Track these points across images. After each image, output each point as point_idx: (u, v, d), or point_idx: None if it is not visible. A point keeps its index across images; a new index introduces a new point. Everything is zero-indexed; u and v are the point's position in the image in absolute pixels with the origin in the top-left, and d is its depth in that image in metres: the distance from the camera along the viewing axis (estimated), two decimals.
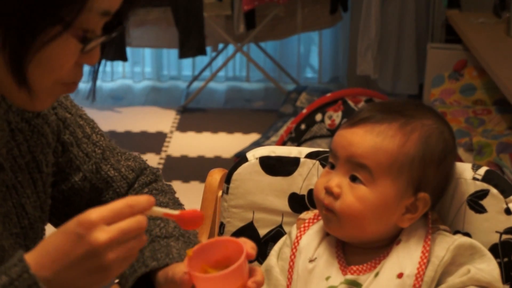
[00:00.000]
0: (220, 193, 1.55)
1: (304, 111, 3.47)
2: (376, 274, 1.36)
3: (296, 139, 3.44)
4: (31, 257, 1.08)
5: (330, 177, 1.38)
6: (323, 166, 1.51)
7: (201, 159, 3.87)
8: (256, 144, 3.92)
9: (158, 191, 1.44)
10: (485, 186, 1.41)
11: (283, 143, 3.44)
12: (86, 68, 1.20)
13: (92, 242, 1.05)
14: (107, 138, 1.44)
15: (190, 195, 3.21)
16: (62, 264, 1.07)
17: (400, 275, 1.35)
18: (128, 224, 1.08)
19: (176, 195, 1.47)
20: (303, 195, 1.52)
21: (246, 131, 4.22)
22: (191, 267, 1.18)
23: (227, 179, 1.53)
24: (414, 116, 1.38)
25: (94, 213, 1.07)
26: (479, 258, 1.36)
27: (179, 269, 1.24)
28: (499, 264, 1.37)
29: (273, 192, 1.52)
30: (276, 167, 1.52)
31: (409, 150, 1.35)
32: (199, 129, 4.25)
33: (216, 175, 1.56)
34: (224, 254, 1.20)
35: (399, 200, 1.36)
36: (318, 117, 3.45)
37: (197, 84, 4.80)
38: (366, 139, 1.36)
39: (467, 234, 1.41)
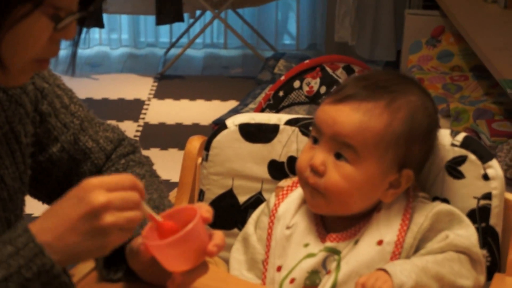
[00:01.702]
0: (199, 160, 1.55)
1: (282, 78, 3.46)
2: (356, 242, 1.37)
3: (274, 106, 3.43)
4: (34, 226, 1.09)
5: (313, 153, 1.37)
6: (303, 133, 1.51)
7: (179, 127, 3.86)
8: (234, 111, 3.91)
9: (135, 163, 1.44)
10: (463, 152, 1.41)
11: (262, 110, 3.43)
12: None
13: (92, 202, 1.08)
14: (85, 108, 1.43)
15: (168, 163, 3.21)
16: (63, 227, 1.08)
17: (380, 242, 1.35)
18: (127, 194, 1.10)
19: (154, 167, 1.47)
20: (283, 162, 1.52)
21: (224, 98, 4.21)
22: (149, 238, 1.17)
23: (207, 146, 1.53)
24: (399, 92, 1.37)
25: (95, 179, 1.10)
26: (457, 224, 1.37)
27: (139, 240, 1.24)
28: (477, 229, 1.39)
29: (252, 159, 1.52)
30: (256, 134, 1.52)
31: (395, 129, 1.35)
32: (177, 96, 4.23)
33: (195, 142, 1.56)
34: (183, 221, 1.19)
35: (383, 178, 1.36)
36: (296, 84, 3.43)
37: (174, 51, 4.78)
38: (352, 118, 1.35)
39: (446, 200, 1.42)
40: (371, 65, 3.67)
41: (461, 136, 1.42)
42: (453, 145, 1.42)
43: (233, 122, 1.53)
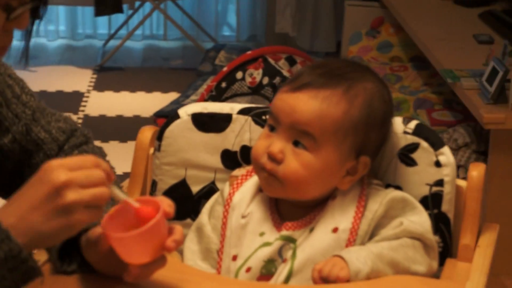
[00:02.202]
0: (151, 150, 1.54)
1: (225, 69, 3.46)
2: (311, 230, 1.37)
3: (217, 97, 3.43)
4: None
5: (271, 141, 1.37)
6: (256, 122, 1.51)
7: (120, 119, 3.83)
8: (175, 103, 3.89)
9: (89, 154, 1.42)
10: (415, 139, 1.43)
11: (204, 101, 3.42)
12: None
13: (53, 180, 1.08)
14: (37, 98, 1.41)
15: (109, 155, 3.17)
16: (25, 207, 1.08)
17: (335, 230, 1.36)
18: (90, 171, 1.10)
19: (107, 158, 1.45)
20: (236, 152, 1.51)
21: (165, 90, 4.18)
22: (108, 228, 1.16)
23: (159, 136, 1.52)
24: (356, 79, 1.38)
25: (57, 160, 1.10)
26: (411, 210, 1.38)
27: (97, 230, 1.23)
28: (429, 215, 1.40)
29: (205, 149, 1.52)
30: (208, 123, 1.51)
31: (353, 116, 1.35)
32: (117, 88, 4.19)
33: (147, 133, 1.54)
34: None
35: (341, 165, 1.36)
36: (239, 75, 3.43)
37: (113, 43, 4.73)
38: (311, 106, 1.35)
39: (398, 187, 1.43)
40: (311, 56, 3.69)
41: (413, 124, 1.44)
42: (405, 132, 1.43)
43: (185, 112, 1.52)
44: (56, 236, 1.11)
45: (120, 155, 2.50)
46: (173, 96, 4.07)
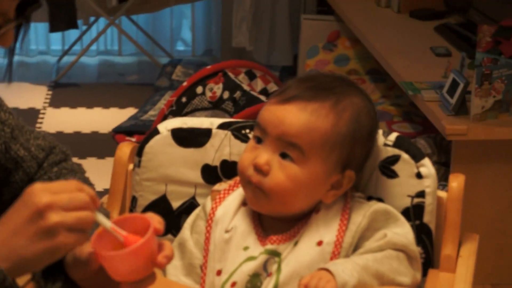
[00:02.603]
0: (130, 166, 1.53)
1: (185, 84, 3.45)
2: (296, 243, 1.38)
3: (178, 112, 3.42)
4: None
5: (257, 153, 1.37)
6: (235, 136, 1.51)
7: (77, 135, 3.79)
8: (134, 119, 3.87)
9: (68, 170, 1.41)
10: (396, 151, 1.44)
11: (164, 116, 3.41)
12: None
13: (35, 203, 1.07)
14: (15, 116, 1.39)
15: None
16: (8, 231, 1.06)
17: (319, 243, 1.36)
18: (74, 194, 1.09)
19: (86, 175, 1.44)
20: (216, 166, 1.51)
21: (122, 105, 4.16)
22: (98, 247, 1.16)
23: (139, 152, 1.51)
24: (343, 93, 1.39)
25: (39, 184, 1.09)
26: (393, 222, 1.40)
27: (86, 249, 1.22)
28: (412, 227, 1.41)
29: (185, 164, 1.51)
30: (188, 138, 1.51)
31: (341, 130, 1.36)
32: (73, 105, 4.16)
33: (125, 149, 1.54)
34: (133, 231, 1.18)
35: (327, 178, 1.37)
36: (199, 89, 3.43)
37: (67, 59, 4.69)
38: (300, 118, 1.35)
39: (380, 199, 1.44)
40: (268, 70, 3.70)
41: (393, 136, 1.45)
42: (385, 145, 1.45)
43: (165, 127, 1.51)
44: (40, 260, 1.10)
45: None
46: (130, 111, 4.05)
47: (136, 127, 3.75)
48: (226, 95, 3.41)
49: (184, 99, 3.44)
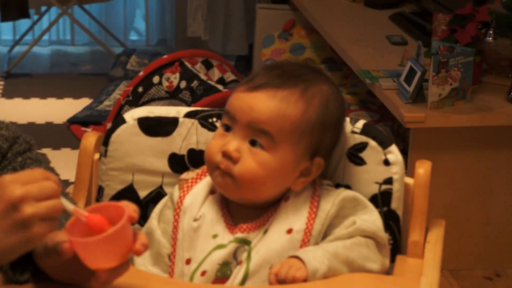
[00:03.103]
0: (96, 156, 1.52)
1: (141, 73, 3.43)
2: (265, 231, 1.38)
3: (134, 102, 3.40)
4: None
5: (226, 140, 1.37)
6: (202, 125, 1.50)
7: (31, 126, 3.75)
8: (89, 109, 3.84)
9: (33, 160, 1.39)
10: (364, 138, 1.44)
11: (121, 106, 3.39)
12: None
13: (8, 196, 1.07)
14: None
15: None
16: None
17: (289, 231, 1.36)
18: (43, 183, 1.10)
19: (51, 164, 1.43)
20: (183, 155, 1.50)
21: (76, 96, 4.11)
22: (72, 235, 1.15)
23: (105, 141, 1.49)
24: (312, 81, 1.39)
25: (8, 175, 1.09)
26: (362, 209, 1.40)
27: (59, 238, 1.21)
28: (380, 213, 1.42)
29: (152, 153, 1.50)
30: (155, 127, 1.50)
31: (310, 116, 1.36)
32: (26, 95, 4.10)
33: (91, 138, 1.52)
34: (107, 219, 1.17)
35: (296, 165, 1.37)
36: (156, 79, 3.41)
37: (18, 49, 4.63)
38: (269, 105, 1.35)
39: (347, 186, 1.45)
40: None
41: (360, 123, 1.46)
42: (353, 132, 1.45)
43: (131, 116, 1.50)
44: (15, 251, 1.11)
45: None
46: (85, 102, 4.01)
47: (91, 118, 3.72)
48: (183, 84, 3.39)
49: (140, 89, 3.42)
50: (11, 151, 1.38)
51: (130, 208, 1.16)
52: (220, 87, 3.33)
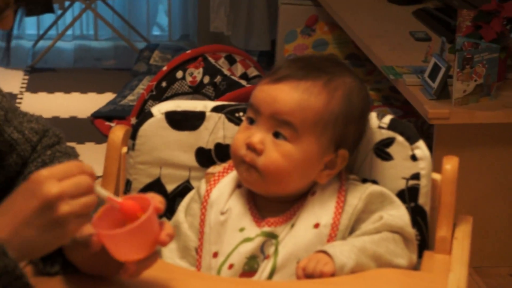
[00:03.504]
0: (124, 149, 1.52)
1: (165, 68, 3.44)
2: (292, 225, 1.38)
3: (157, 96, 3.41)
4: None
5: (251, 132, 1.37)
6: (229, 119, 1.51)
7: (56, 120, 3.77)
8: (113, 104, 3.85)
9: (62, 154, 1.40)
10: (391, 134, 1.44)
11: (144, 101, 3.40)
12: None
13: (45, 194, 1.07)
14: (8, 99, 1.38)
15: None
16: (18, 222, 1.06)
17: (316, 225, 1.37)
18: (78, 179, 1.09)
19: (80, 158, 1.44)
20: (210, 149, 1.51)
21: (99, 90, 4.13)
22: (99, 227, 1.16)
23: (133, 135, 1.50)
24: (335, 73, 1.39)
25: (44, 170, 1.08)
26: (389, 204, 1.40)
27: (86, 230, 1.22)
28: (407, 209, 1.42)
29: (179, 147, 1.51)
30: (182, 121, 1.51)
31: (333, 108, 1.37)
32: (50, 90, 4.13)
33: (118, 132, 1.53)
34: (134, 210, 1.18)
35: (321, 157, 1.37)
36: (179, 74, 3.42)
37: (42, 44, 4.65)
38: (293, 96, 1.36)
39: (374, 182, 1.45)
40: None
41: (387, 119, 1.45)
42: (380, 127, 1.45)
43: (159, 110, 1.51)
44: (48, 247, 1.11)
45: None
46: (108, 96, 4.03)
47: (115, 112, 3.73)
48: (206, 79, 3.40)
49: (164, 84, 3.43)
50: (40, 144, 1.39)
51: (156, 200, 1.17)
52: (243, 82, 3.33)
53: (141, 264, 1.17)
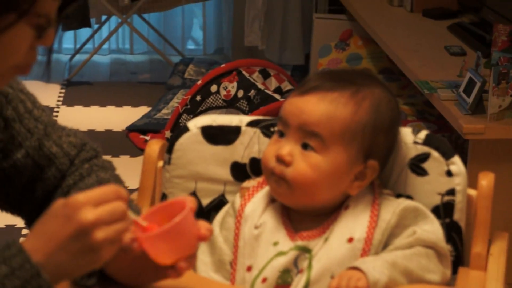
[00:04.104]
0: (160, 163, 1.54)
1: (199, 82, 3.46)
2: (326, 239, 1.38)
3: (192, 110, 3.43)
4: (26, 245, 1.08)
5: (280, 145, 1.38)
6: (264, 134, 1.52)
7: (92, 133, 3.80)
8: (147, 117, 3.88)
9: (99, 167, 1.42)
10: (426, 149, 1.44)
11: (179, 114, 3.42)
12: None
13: (81, 221, 1.08)
14: (48, 113, 1.41)
15: None
16: (53, 246, 1.08)
17: (350, 240, 1.37)
18: (114, 206, 1.11)
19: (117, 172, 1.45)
20: (245, 164, 1.52)
21: (134, 104, 4.17)
22: (137, 232, 1.17)
23: (169, 149, 1.52)
24: (363, 84, 1.40)
25: (81, 195, 1.09)
26: (423, 219, 1.40)
27: (125, 237, 1.23)
28: (441, 225, 1.42)
29: (215, 162, 1.52)
30: (218, 136, 1.52)
31: (361, 118, 1.37)
32: (86, 103, 4.17)
33: (154, 146, 1.54)
34: (170, 216, 1.20)
35: (350, 168, 1.38)
36: (213, 88, 3.44)
37: (79, 57, 4.70)
38: (319, 107, 1.37)
39: (409, 197, 1.45)
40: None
41: (423, 134, 1.46)
42: (415, 142, 1.45)
43: (195, 125, 1.52)
44: (81, 272, 1.13)
45: None
46: (143, 110, 4.06)
47: (150, 126, 3.76)
48: (240, 93, 3.41)
49: (198, 98, 3.45)
50: (78, 157, 1.41)
51: (188, 200, 1.19)
52: (277, 96, 3.34)
53: (187, 262, 1.19)
